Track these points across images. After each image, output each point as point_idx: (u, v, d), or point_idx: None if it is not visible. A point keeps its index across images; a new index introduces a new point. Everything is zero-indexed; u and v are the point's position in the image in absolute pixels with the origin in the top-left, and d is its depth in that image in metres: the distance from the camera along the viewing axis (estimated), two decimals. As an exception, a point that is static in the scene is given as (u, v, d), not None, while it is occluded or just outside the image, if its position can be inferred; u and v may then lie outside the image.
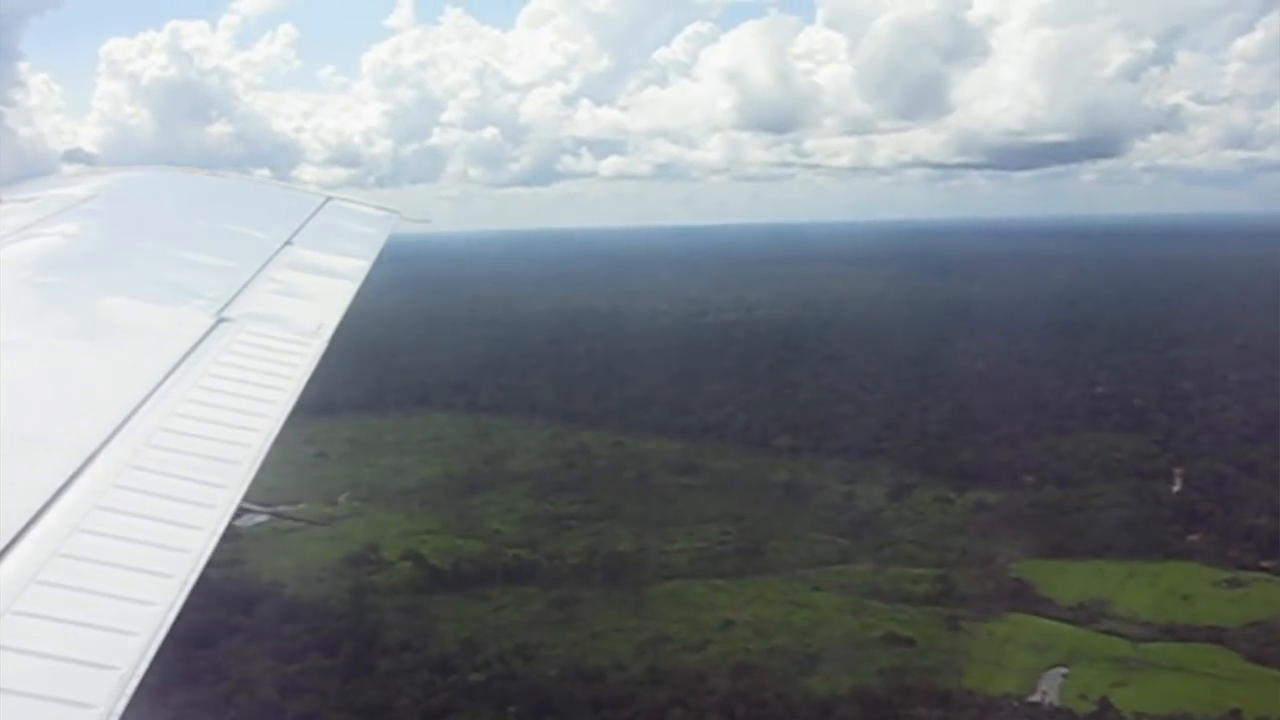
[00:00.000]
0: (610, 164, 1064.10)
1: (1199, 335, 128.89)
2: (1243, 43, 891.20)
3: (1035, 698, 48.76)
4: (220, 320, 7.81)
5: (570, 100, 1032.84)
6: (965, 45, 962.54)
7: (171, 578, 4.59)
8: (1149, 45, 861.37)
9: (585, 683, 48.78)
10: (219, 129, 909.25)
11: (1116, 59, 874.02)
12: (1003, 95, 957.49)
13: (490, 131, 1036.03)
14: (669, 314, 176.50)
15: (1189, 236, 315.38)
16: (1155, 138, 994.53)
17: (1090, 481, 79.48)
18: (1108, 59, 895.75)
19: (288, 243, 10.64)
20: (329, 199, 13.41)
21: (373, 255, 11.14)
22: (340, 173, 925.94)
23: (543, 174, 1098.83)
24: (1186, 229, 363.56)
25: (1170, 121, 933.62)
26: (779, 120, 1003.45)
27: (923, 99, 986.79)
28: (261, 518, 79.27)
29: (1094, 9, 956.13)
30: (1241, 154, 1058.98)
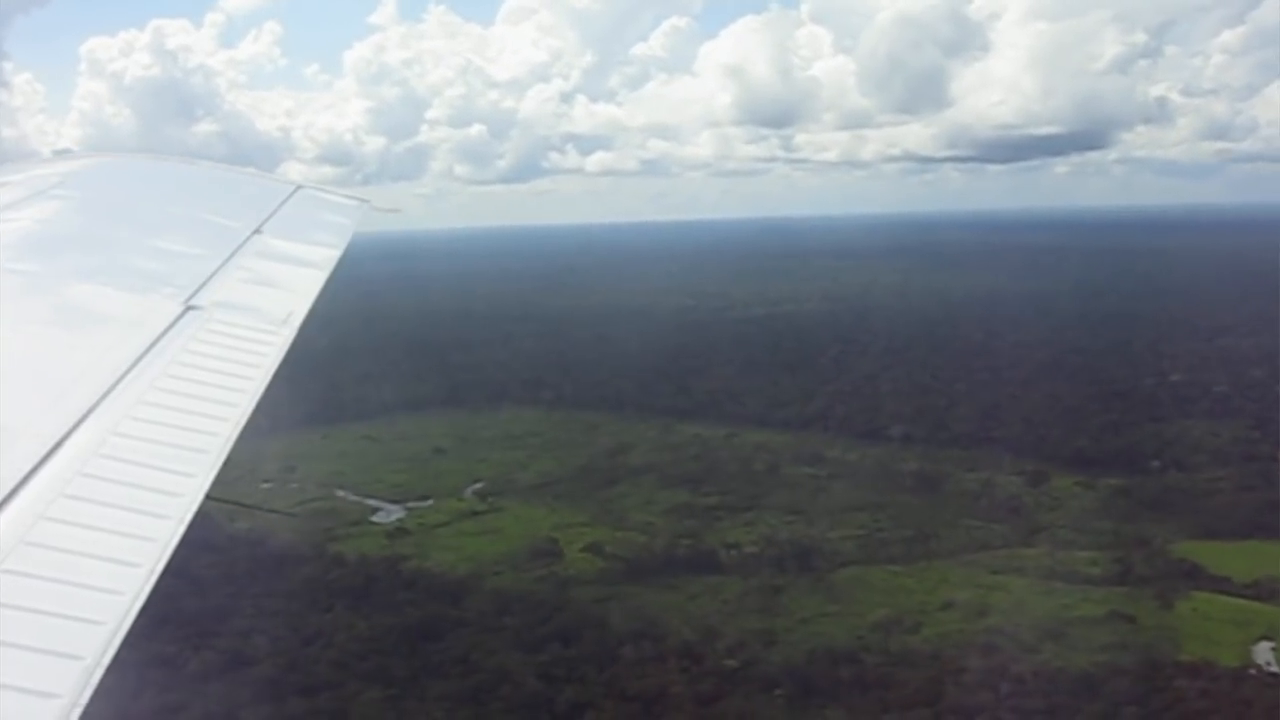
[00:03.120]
0: (597, 160, 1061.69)
1: (1241, 325, 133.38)
2: (1229, 35, 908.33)
3: (1271, 668, 51.18)
4: (189, 308, 7.72)
5: (554, 97, 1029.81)
6: (964, 40, 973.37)
7: (138, 567, 4.50)
8: (1140, 38, 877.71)
9: (842, 664, 50.08)
10: (203, 128, 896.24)
11: (1109, 52, 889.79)
12: (996, 89, 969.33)
13: (476, 128, 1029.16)
14: (697, 309, 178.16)
15: (1177, 228, 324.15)
16: (1140, 129, 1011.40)
17: (1205, 466, 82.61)
18: (1101, 52, 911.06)
19: (257, 231, 10.57)
20: (299, 187, 13.41)
21: (343, 244, 11.14)
22: (328, 171, 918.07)
23: (526, 170, 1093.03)
24: (1171, 221, 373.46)
25: (1157, 113, 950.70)
26: (774, 116, 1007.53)
27: (923, 93, 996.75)
28: (398, 513, 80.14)
29: (1089, 2, 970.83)
30: (1218, 145, 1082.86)
